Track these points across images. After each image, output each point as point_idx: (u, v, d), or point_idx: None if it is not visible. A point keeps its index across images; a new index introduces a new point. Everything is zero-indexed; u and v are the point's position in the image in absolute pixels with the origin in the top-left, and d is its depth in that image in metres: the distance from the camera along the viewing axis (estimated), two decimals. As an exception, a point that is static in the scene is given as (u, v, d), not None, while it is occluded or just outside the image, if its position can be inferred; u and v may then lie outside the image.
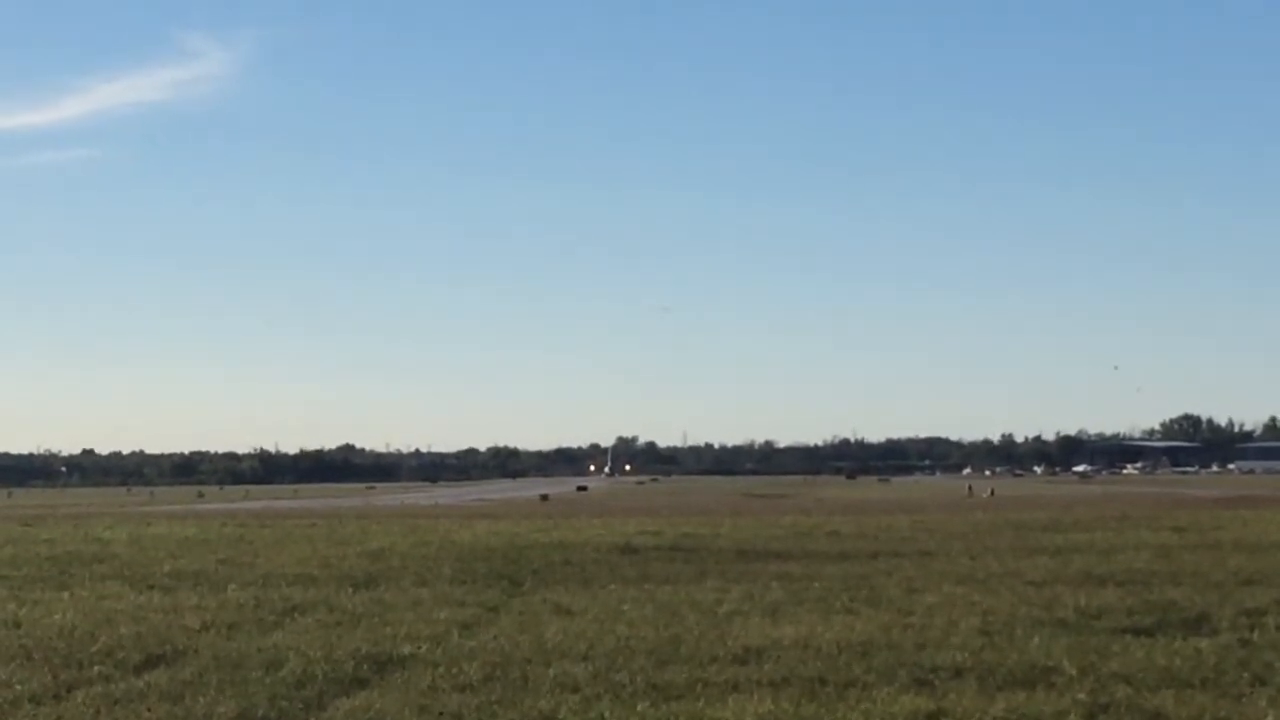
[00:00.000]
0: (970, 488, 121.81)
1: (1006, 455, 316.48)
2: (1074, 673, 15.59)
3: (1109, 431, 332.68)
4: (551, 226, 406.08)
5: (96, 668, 16.96)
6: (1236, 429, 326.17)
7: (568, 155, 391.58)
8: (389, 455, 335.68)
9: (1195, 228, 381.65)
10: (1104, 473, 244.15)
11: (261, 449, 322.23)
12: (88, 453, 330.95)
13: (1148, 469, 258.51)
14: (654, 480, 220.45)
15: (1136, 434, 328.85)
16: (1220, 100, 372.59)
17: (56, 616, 22.10)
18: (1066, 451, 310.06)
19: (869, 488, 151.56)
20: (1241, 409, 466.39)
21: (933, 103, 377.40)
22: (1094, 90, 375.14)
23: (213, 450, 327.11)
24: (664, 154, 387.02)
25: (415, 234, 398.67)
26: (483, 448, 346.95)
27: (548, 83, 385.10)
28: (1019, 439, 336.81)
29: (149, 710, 14.33)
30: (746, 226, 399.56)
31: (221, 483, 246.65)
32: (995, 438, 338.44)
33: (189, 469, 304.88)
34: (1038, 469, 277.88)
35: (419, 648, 18.19)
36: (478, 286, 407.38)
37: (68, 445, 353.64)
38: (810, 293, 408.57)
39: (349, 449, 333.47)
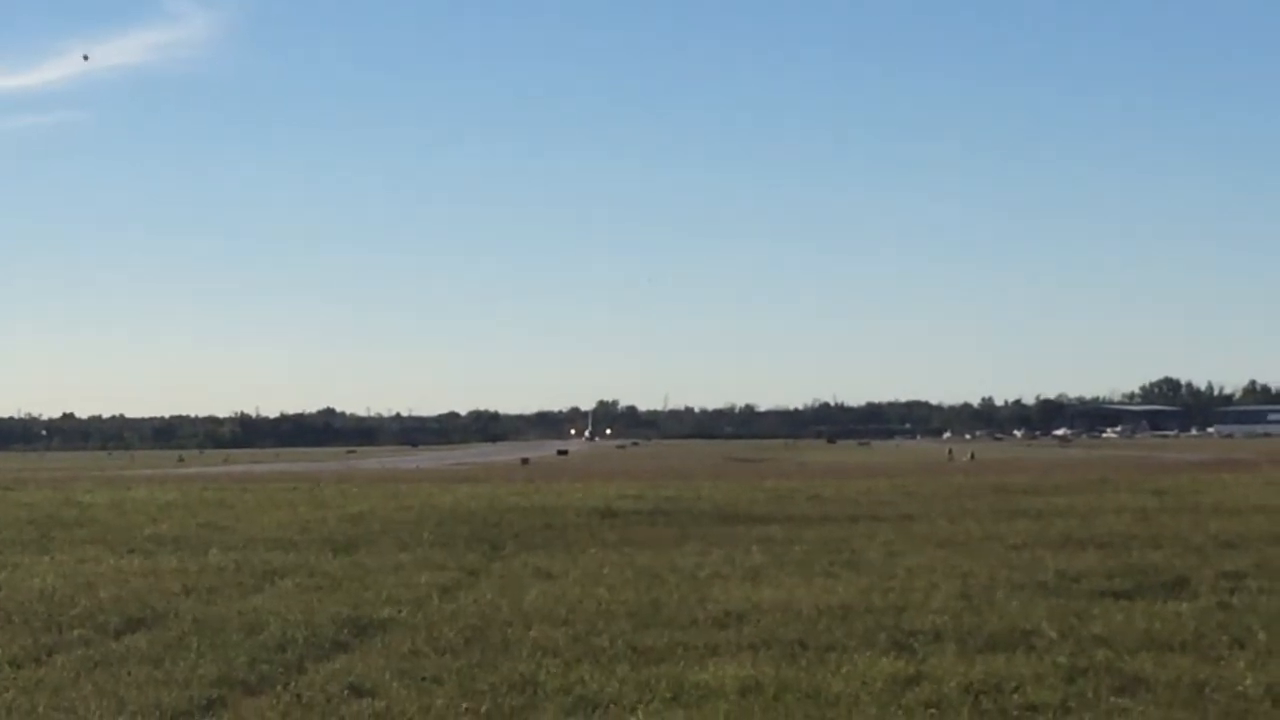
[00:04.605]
0: (950, 451, 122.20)
1: (986, 419, 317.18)
2: (1054, 636, 15.65)
3: (1089, 395, 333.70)
4: (534, 192, 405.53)
5: (77, 631, 16.96)
6: (1216, 393, 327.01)
7: (551, 122, 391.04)
8: (369, 419, 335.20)
9: (1174, 191, 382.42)
10: (1084, 436, 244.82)
11: (242, 413, 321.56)
12: (68, 416, 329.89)
13: (1127, 433, 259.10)
14: (634, 444, 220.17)
15: (1116, 398, 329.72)
16: (1197, 65, 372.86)
17: (36, 580, 22.09)
18: (1046, 415, 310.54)
19: (849, 451, 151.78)
20: (1221, 372, 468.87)
21: (916, 72, 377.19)
22: (1070, 56, 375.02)
23: (193, 414, 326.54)
24: (645, 121, 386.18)
25: (397, 199, 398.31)
26: (463, 411, 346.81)
27: (534, 51, 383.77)
28: (999, 403, 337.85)
29: (129, 673, 14.30)
30: (727, 192, 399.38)
31: (202, 446, 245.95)
32: (975, 401, 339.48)
33: (169, 433, 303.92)
34: (1018, 433, 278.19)
35: (399, 611, 18.21)
36: (458, 251, 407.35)
37: (48, 409, 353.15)
38: (790, 257, 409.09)
39: (329, 413, 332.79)
